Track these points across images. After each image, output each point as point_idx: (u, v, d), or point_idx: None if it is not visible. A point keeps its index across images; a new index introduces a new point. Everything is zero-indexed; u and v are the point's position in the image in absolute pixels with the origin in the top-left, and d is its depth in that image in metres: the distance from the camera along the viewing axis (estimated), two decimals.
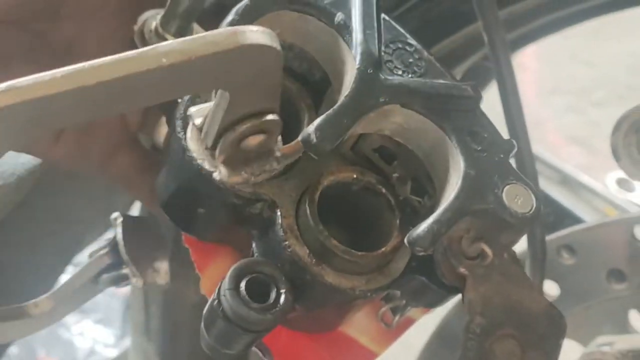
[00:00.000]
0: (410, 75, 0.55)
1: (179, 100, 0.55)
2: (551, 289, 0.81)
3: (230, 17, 0.54)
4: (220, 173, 0.53)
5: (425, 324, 0.70)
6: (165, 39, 0.59)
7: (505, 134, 0.66)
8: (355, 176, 0.57)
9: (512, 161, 0.59)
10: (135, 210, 1.03)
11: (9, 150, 0.48)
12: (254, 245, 0.57)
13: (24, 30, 0.62)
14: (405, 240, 0.53)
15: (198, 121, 0.53)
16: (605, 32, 0.87)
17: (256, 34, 0.47)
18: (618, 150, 0.69)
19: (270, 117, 0.51)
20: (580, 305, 0.80)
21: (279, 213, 0.55)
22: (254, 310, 0.52)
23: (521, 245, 0.67)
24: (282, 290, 0.53)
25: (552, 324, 0.55)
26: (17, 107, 0.43)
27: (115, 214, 0.72)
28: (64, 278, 0.95)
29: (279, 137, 0.54)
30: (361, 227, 0.58)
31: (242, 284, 0.52)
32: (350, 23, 0.55)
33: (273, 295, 0.53)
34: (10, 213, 0.68)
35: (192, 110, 0.53)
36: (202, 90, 0.52)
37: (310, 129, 0.51)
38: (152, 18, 0.61)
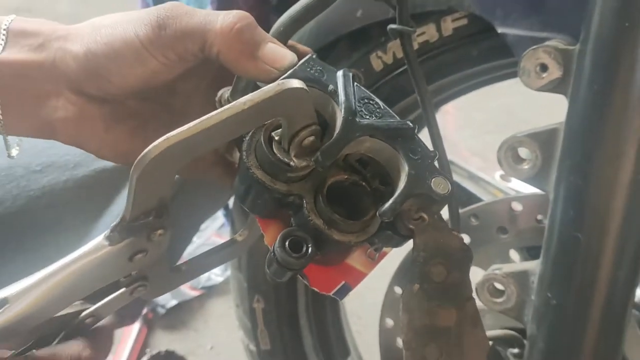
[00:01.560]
0: (374, 118, 0.54)
1: (245, 139, 0.54)
2: (465, 239, 0.75)
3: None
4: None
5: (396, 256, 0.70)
6: None
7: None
8: (346, 177, 0.55)
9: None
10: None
11: (175, 176, 0.49)
12: (292, 219, 0.56)
13: (153, 102, 0.61)
14: (377, 213, 0.53)
15: (276, 137, 0.53)
16: (492, 92, 0.91)
17: (291, 82, 0.48)
18: (501, 160, 0.70)
19: (314, 127, 0.52)
20: (482, 247, 0.81)
21: (304, 201, 0.54)
22: (294, 258, 0.52)
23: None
24: (309, 245, 0.53)
25: (465, 254, 0.55)
26: (171, 148, 0.45)
27: None
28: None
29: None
30: (352, 205, 0.56)
31: (287, 243, 0.53)
32: (337, 90, 0.54)
33: (304, 249, 0.53)
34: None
35: (273, 133, 0.54)
36: (268, 119, 0.51)
37: (317, 154, 0.51)
38: (225, 92, 0.60)
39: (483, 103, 1.43)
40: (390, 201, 0.52)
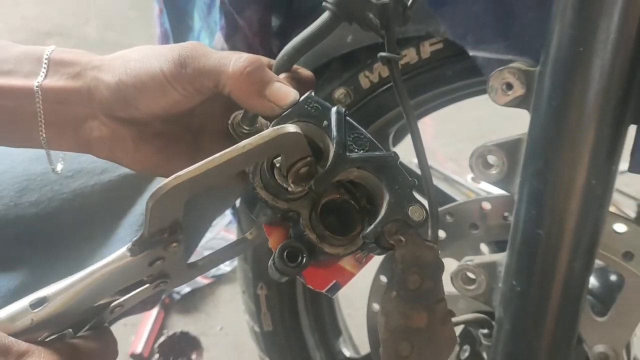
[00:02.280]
0: (361, 151, 0.54)
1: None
2: (442, 234, 0.81)
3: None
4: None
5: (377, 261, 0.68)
6: (243, 128, 0.61)
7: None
8: (338, 196, 0.56)
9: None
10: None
11: (182, 206, 0.50)
12: (290, 231, 0.57)
13: (175, 123, 0.62)
14: (361, 236, 0.55)
15: (277, 164, 0.55)
16: (464, 106, 0.90)
17: (286, 127, 0.50)
18: (472, 166, 0.71)
19: (308, 159, 0.53)
20: (457, 241, 0.80)
21: (301, 218, 0.55)
22: (290, 267, 0.54)
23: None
24: (304, 256, 0.54)
25: (437, 265, 0.56)
26: (180, 184, 0.47)
27: None
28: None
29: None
30: (343, 218, 0.57)
31: (284, 254, 0.54)
32: (330, 125, 0.55)
33: (300, 259, 0.54)
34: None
35: (276, 160, 0.55)
36: (267, 157, 0.53)
37: (311, 182, 0.53)
38: (237, 115, 0.61)
39: (456, 115, 1.44)
40: (372, 226, 0.53)
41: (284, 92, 0.56)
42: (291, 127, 0.50)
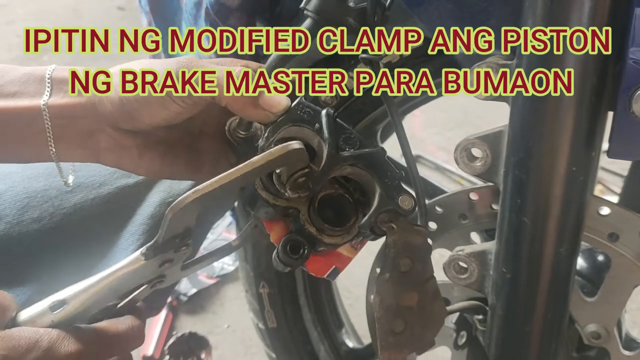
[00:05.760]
0: (352, 149, 0.57)
1: None
2: (432, 225, 0.80)
3: (262, 142, 0.58)
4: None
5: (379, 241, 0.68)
6: (239, 132, 0.63)
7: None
8: (333, 191, 0.59)
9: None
10: None
11: (195, 215, 0.53)
12: (292, 225, 0.59)
13: (176, 130, 0.64)
14: (357, 226, 0.58)
15: (277, 170, 0.57)
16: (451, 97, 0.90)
17: (292, 144, 0.52)
18: (457, 159, 0.70)
19: (307, 170, 0.56)
20: (448, 232, 0.79)
21: (301, 213, 0.58)
22: (293, 259, 0.57)
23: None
24: (305, 247, 0.57)
25: (426, 248, 0.58)
26: (198, 198, 0.50)
27: None
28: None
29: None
30: (338, 212, 0.59)
31: (287, 247, 0.57)
32: (322, 128, 0.57)
33: (301, 251, 0.57)
34: None
35: (276, 171, 0.58)
36: (272, 170, 0.56)
37: (309, 182, 0.56)
38: (233, 122, 0.64)
39: (443, 104, 1.42)
40: (366, 217, 0.57)
41: (277, 100, 0.58)
42: (296, 144, 0.53)
